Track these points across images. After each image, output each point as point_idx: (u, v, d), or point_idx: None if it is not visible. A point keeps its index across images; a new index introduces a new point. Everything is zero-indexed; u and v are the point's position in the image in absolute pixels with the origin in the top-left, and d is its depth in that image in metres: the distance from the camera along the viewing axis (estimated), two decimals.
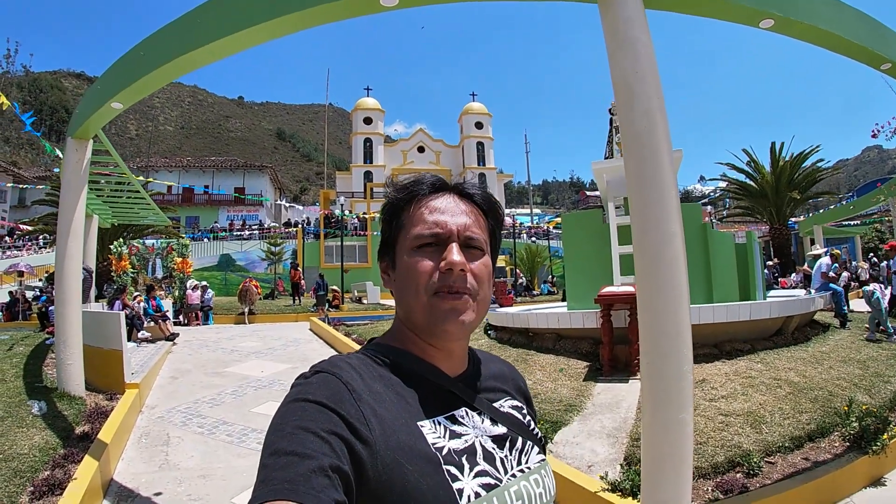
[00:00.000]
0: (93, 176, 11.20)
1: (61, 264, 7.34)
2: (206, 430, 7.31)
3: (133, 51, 5.80)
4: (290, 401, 0.86)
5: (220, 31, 4.75)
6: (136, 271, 20.55)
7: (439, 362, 1.03)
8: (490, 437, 0.99)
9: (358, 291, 28.29)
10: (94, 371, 8.20)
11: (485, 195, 1.10)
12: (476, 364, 1.14)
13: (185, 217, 47.87)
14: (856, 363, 7.58)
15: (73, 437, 5.91)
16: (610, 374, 7.22)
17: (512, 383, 1.20)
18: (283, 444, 0.78)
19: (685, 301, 3.30)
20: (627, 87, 3.50)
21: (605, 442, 5.41)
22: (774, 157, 25.21)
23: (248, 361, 12.14)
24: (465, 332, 1.01)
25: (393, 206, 1.08)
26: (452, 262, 0.97)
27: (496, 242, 1.12)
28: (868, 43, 5.46)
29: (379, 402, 0.90)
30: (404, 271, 1.02)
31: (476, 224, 1.04)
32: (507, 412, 1.09)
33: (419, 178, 1.09)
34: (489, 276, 1.04)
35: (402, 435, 0.87)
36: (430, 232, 1.00)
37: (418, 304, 0.99)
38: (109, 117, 6.93)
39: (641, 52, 3.52)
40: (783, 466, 4.83)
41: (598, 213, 10.40)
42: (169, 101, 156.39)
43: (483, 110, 59.62)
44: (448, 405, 0.99)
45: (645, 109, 3.43)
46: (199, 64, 5.34)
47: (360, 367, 0.95)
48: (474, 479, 0.90)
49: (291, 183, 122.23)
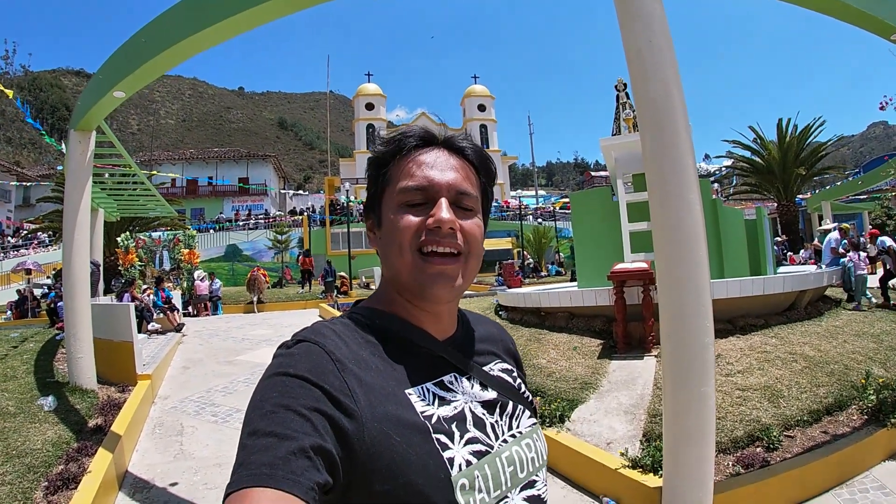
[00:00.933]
0: (96, 169, 11.20)
1: (69, 257, 7.28)
2: (219, 418, 7.30)
3: (134, 38, 5.78)
4: (271, 374, 0.82)
5: (220, 14, 4.75)
6: (143, 264, 20.57)
7: (427, 325, 1.00)
8: (480, 403, 0.96)
9: (366, 277, 28.29)
10: (105, 364, 8.17)
11: (476, 149, 1.05)
12: (465, 326, 1.11)
13: (191, 209, 47.92)
14: (870, 337, 7.54)
15: (86, 430, 5.90)
16: (624, 351, 7.19)
17: (501, 345, 1.16)
18: (263, 424, 0.75)
19: (705, 272, 3.25)
20: (641, 58, 3.43)
21: (622, 419, 5.40)
22: (781, 133, 25.08)
23: (259, 349, 12.13)
24: (454, 294, 0.97)
25: (379, 160, 1.02)
26: (441, 219, 0.92)
27: (488, 202, 1.07)
28: (877, 11, 5.38)
29: (365, 370, 0.86)
30: (389, 228, 0.97)
31: (467, 180, 0.99)
32: (498, 376, 1.06)
33: (407, 130, 1.03)
34: (481, 236, 1.00)
35: (389, 405, 0.84)
36: (417, 185, 0.96)
37: (403, 264, 0.95)
38: (112, 107, 6.92)
39: (655, 21, 3.46)
40: (802, 440, 4.81)
41: (606, 192, 10.34)
42: (169, 95, 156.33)
43: (485, 92, 59.37)
44: (437, 370, 0.96)
45: (661, 79, 3.37)
46: (201, 48, 5.35)
47: (344, 334, 0.91)
48: (465, 446, 0.87)
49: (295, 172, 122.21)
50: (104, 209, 13.82)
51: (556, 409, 5.64)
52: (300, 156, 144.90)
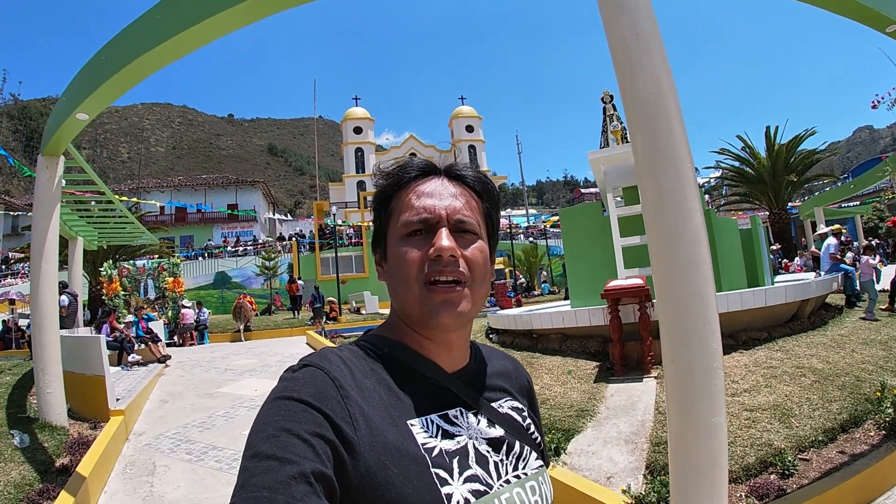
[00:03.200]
0: (78, 198, 11.06)
1: (36, 286, 7.08)
2: (194, 456, 7.05)
3: (95, 57, 5.78)
4: (275, 398, 0.81)
5: (177, 27, 4.70)
6: (127, 293, 20.28)
7: (437, 356, 0.97)
8: (485, 440, 0.93)
9: (356, 302, 28.02)
10: (77, 399, 8.12)
11: (477, 175, 1.04)
12: (478, 360, 1.08)
13: (180, 236, 47.57)
14: (878, 344, 7.35)
15: (52, 470, 5.74)
16: (622, 373, 6.91)
17: (516, 382, 1.13)
18: (265, 447, 0.73)
19: (710, 285, 2.91)
20: (628, 53, 3.11)
21: (623, 449, 5.05)
22: (770, 141, 25.05)
23: (241, 380, 11.87)
24: (461, 322, 0.94)
25: (381, 195, 1.03)
26: (441, 248, 0.91)
27: (493, 225, 1.05)
28: (873, 3, 5.21)
29: (368, 399, 0.85)
30: (394, 261, 0.96)
31: (467, 206, 0.98)
32: (506, 413, 1.02)
33: (406, 163, 1.03)
34: (485, 262, 0.98)
35: (389, 434, 0.82)
36: (417, 218, 0.94)
37: (410, 296, 0.93)
38: (77, 129, 6.87)
39: (642, 12, 3.15)
40: (819, 463, 4.52)
41: (596, 207, 10.14)
42: (159, 123, 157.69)
43: (473, 113, 59.73)
44: (443, 403, 0.94)
45: (651, 74, 3.04)
46: (160, 64, 5.30)
47: (350, 361, 0.90)
48: (464, 484, 0.84)
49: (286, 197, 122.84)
50: (84, 237, 13.62)
51: (551, 440, 5.29)
52: (290, 181, 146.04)
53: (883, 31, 5.83)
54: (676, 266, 2.93)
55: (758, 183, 25.95)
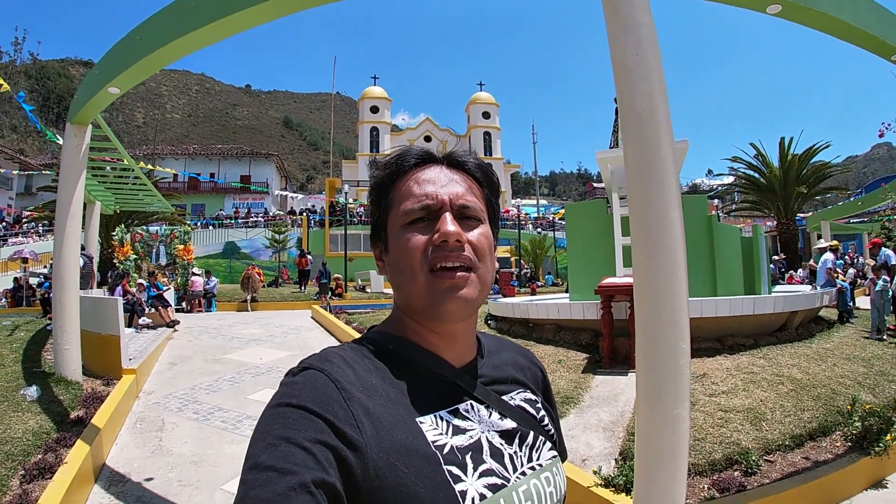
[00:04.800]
0: (96, 163, 11.32)
1: (60, 249, 7.36)
2: (201, 416, 7.32)
3: (130, 35, 5.89)
4: (274, 405, 0.79)
5: (213, 15, 4.81)
6: (139, 258, 20.54)
7: (443, 350, 0.96)
8: (498, 433, 0.92)
9: (362, 280, 28.20)
10: (92, 356, 8.30)
11: (477, 162, 1.02)
12: (486, 352, 1.06)
13: (192, 205, 47.65)
14: (860, 361, 7.47)
15: (67, 421, 5.94)
16: (609, 366, 7.13)
17: (529, 373, 1.11)
18: (264, 458, 0.72)
19: (683, 291, 3.17)
20: (627, 70, 3.36)
21: (601, 436, 5.32)
22: (783, 151, 25.03)
23: (247, 348, 12.14)
24: (468, 310, 0.92)
25: (379, 186, 1.00)
26: (446, 232, 0.89)
27: (494, 212, 1.03)
28: (878, 31, 5.36)
29: (373, 398, 0.83)
30: (397, 251, 0.94)
31: (470, 192, 0.96)
32: (518, 405, 1.01)
33: (404, 150, 1.01)
34: (490, 247, 0.96)
35: (397, 434, 0.81)
36: (419, 205, 0.92)
37: (415, 285, 0.91)
38: (107, 102, 7.02)
39: (644, 33, 3.38)
40: (782, 465, 4.73)
41: (601, 204, 10.30)
42: (176, 90, 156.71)
43: (490, 100, 59.39)
44: (452, 398, 0.92)
45: (646, 92, 3.29)
46: (193, 48, 5.45)
47: (353, 360, 0.88)
48: (479, 479, 0.83)
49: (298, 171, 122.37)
50: (101, 202, 13.89)
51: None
52: (304, 155, 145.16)
53: (888, 58, 5.97)
54: (653, 271, 3.18)
55: (768, 192, 25.94)
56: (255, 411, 7.41)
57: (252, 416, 7.19)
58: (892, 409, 5.83)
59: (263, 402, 7.70)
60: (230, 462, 5.73)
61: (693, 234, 8.87)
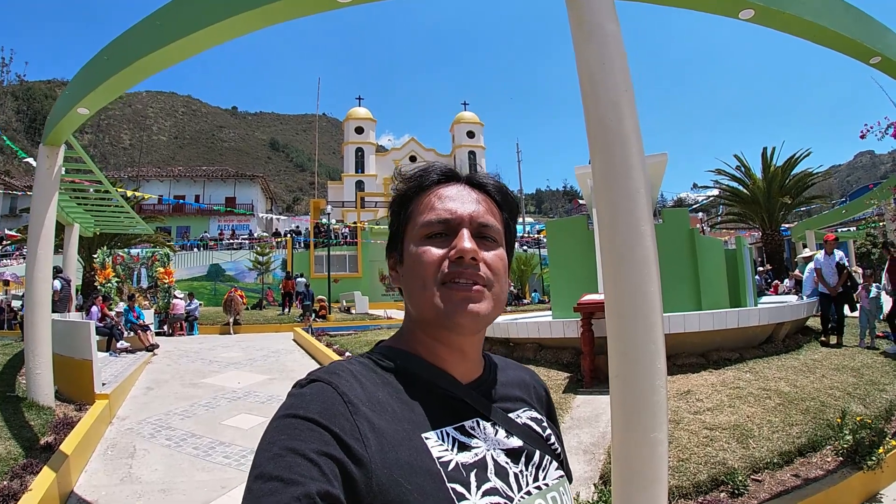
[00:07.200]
0: (77, 185, 11.23)
1: (31, 271, 7.29)
2: (173, 442, 7.18)
3: (98, 55, 5.88)
4: (281, 416, 0.79)
5: (178, 33, 4.76)
6: (120, 280, 20.32)
7: (451, 366, 0.95)
8: (504, 451, 0.91)
9: (346, 301, 28.07)
10: (65, 381, 8.24)
11: (498, 185, 1.03)
12: (492, 370, 1.05)
13: (176, 227, 47.65)
14: (850, 371, 7.37)
15: (36, 447, 5.87)
16: (591, 385, 7.00)
17: (533, 392, 1.11)
18: (269, 468, 0.72)
19: (657, 308, 3.02)
20: (593, 79, 3.24)
21: (581, 459, 5.15)
22: (766, 162, 25.10)
23: (226, 372, 11.95)
24: (480, 324, 0.91)
25: (401, 197, 1.01)
26: (463, 248, 0.90)
27: (511, 237, 1.04)
28: (856, 35, 5.29)
29: (379, 413, 0.83)
30: (411, 263, 0.94)
31: (489, 212, 0.97)
32: (525, 423, 1.00)
33: (428, 167, 1.02)
34: (504, 269, 0.96)
35: (402, 450, 0.80)
36: (438, 218, 0.93)
37: (426, 298, 0.91)
38: (77, 123, 7.02)
39: (610, 41, 3.27)
40: (771, 484, 4.56)
41: (582, 220, 10.20)
42: (163, 111, 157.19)
43: (475, 119, 59.82)
44: (459, 414, 0.91)
45: (613, 101, 3.17)
46: (160, 67, 5.37)
47: (361, 374, 0.88)
48: (482, 497, 0.82)
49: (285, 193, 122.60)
50: (80, 224, 13.74)
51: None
52: (291, 177, 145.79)
53: (867, 62, 5.91)
54: (625, 287, 3.04)
55: (752, 203, 25.96)
56: (228, 437, 7.29)
57: (225, 443, 7.07)
58: (883, 420, 5.71)
59: (238, 427, 7.56)
60: (199, 490, 5.59)
61: (675, 248, 8.78)
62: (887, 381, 7.05)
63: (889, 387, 6.82)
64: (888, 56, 5.73)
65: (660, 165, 9.58)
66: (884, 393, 6.60)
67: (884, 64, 5.74)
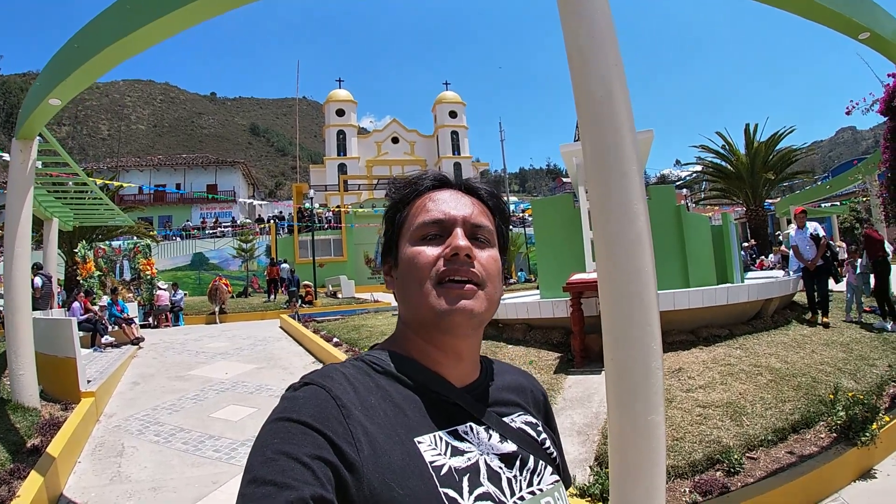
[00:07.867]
0: (54, 178, 11.02)
1: (9, 269, 7.13)
2: (162, 438, 7.08)
3: (68, 44, 5.77)
4: (274, 419, 0.79)
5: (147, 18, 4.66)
6: (103, 274, 20.05)
7: (446, 369, 0.95)
8: (497, 456, 0.91)
9: (332, 286, 27.95)
10: (49, 380, 8.11)
11: (491, 191, 1.06)
12: (488, 373, 1.05)
13: (158, 216, 47.13)
14: (839, 346, 7.39)
15: (23, 451, 5.73)
16: (582, 365, 6.95)
17: (530, 396, 1.10)
18: (262, 472, 0.72)
19: (652, 288, 2.94)
20: (581, 54, 3.14)
21: (575, 440, 5.11)
22: (749, 138, 25.16)
23: (213, 363, 11.84)
24: (474, 323, 0.92)
25: (395, 204, 1.04)
26: (457, 246, 0.91)
27: (503, 242, 1.05)
28: (845, 10, 5.22)
29: (372, 417, 0.83)
30: (407, 264, 0.95)
31: (482, 215, 0.99)
32: (519, 427, 1.00)
33: (422, 173, 1.05)
34: (498, 271, 0.98)
35: (394, 454, 0.80)
36: (432, 219, 0.96)
37: (422, 296, 0.91)
38: (49, 115, 6.89)
39: (598, 14, 3.16)
40: (766, 462, 4.54)
41: (568, 198, 10.12)
42: (140, 100, 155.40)
43: (457, 99, 59.49)
44: (452, 419, 0.91)
45: (602, 76, 3.07)
46: (130, 53, 5.25)
47: (354, 378, 0.88)
48: (475, 502, 0.82)
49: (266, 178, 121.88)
50: (59, 218, 13.51)
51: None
52: (272, 162, 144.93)
53: (856, 37, 5.85)
54: (618, 267, 2.96)
55: (736, 179, 26.06)
56: (218, 430, 7.20)
57: (214, 436, 6.98)
58: (875, 396, 5.70)
59: (227, 419, 7.45)
60: (190, 486, 5.51)
61: (662, 225, 8.72)
62: (877, 356, 7.06)
63: (879, 362, 6.83)
64: (877, 31, 5.68)
65: (646, 142, 9.51)
66: (874, 368, 6.60)
67: (872, 39, 5.69)
